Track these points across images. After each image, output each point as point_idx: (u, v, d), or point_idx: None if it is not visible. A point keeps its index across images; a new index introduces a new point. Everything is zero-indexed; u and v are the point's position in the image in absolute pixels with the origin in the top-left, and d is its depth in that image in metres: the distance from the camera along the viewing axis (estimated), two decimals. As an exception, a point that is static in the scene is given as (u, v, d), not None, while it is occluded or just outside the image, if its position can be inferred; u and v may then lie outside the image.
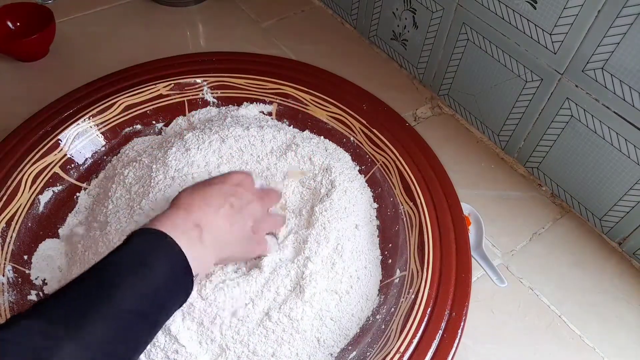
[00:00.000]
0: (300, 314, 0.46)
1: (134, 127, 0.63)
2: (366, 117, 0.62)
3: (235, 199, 0.45)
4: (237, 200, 0.46)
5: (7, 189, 0.53)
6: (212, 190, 0.45)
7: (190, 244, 0.41)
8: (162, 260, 0.38)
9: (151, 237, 0.40)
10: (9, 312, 0.47)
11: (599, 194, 0.60)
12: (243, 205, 0.46)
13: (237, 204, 0.45)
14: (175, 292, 0.40)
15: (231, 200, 0.45)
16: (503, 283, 0.57)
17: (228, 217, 0.44)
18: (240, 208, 0.46)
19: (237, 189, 0.46)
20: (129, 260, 0.38)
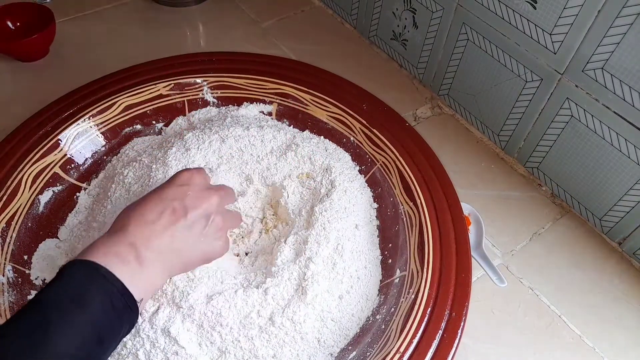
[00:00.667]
0: (303, 317, 0.46)
1: (134, 127, 0.63)
2: (366, 117, 0.62)
3: (178, 202, 0.43)
4: (180, 203, 0.43)
5: (7, 189, 0.53)
6: (149, 201, 0.43)
7: (128, 269, 0.39)
8: (97, 296, 0.36)
9: (84, 270, 0.37)
10: (9, 312, 0.47)
11: (599, 194, 0.60)
12: (189, 206, 0.43)
13: (180, 207, 0.43)
14: (116, 326, 0.38)
15: (173, 205, 0.42)
16: (503, 283, 0.57)
17: (169, 225, 0.42)
18: (184, 210, 0.43)
19: (180, 190, 0.44)
20: (62, 299, 0.36)
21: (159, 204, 0.43)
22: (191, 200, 0.44)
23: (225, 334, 0.45)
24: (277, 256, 0.50)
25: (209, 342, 0.45)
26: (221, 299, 0.45)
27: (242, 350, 0.45)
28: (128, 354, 0.43)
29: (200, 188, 0.45)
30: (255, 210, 0.57)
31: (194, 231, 0.44)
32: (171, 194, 0.43)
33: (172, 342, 0.44)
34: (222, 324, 0.45)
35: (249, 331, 0.45)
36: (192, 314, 0.45)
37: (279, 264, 0.49)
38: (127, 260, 0.39)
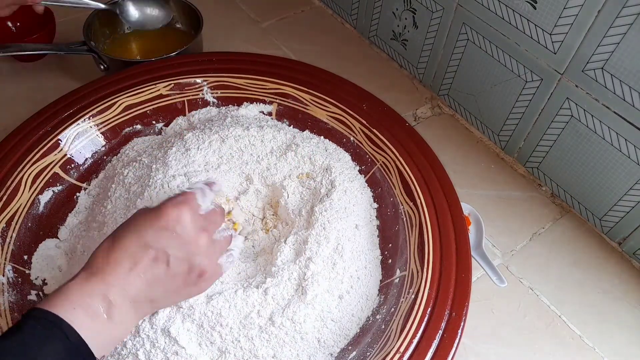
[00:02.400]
0: (303, 317, 0.46)
1: (134, 127, 0.63)
2: (366, 117, 0.62)
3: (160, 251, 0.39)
4: (162, 251, 0.39)
5: (7, 189, 0.53)
6: (129, 242, 0.39)
7: (94, 325, 0.36)
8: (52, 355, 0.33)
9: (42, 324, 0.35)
10: (9, 312, 0.47)
11: (599, 194, 0.60)
12: (172, 255, 0.40)
13: (162, 256, 0.39)
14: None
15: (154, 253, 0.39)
16: (503, 283, 0.57)
17: (147, 274, 0.39)
18: (166, 259, 0.40)
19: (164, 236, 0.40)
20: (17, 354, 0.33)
21: (138, 247, 0.39)
22: (175, 248, 0.40)
23: (225, 334, 0.45)
24: (277, 256, 0.50)
25: (209, 342, 0.45)
26: (221, 299, 0.45)
27: (242, 350, 0.45)
28: (128, 354, 0.43)
29: (187, 232, 0.41)
30: (256, 210, 0.57)
31: (175, 281, 0.41)
32: (153, 239, 0.39)
33: (172, 342, 0.44)
34: (222, 324, 0.45)
35: (249, 331, 0.45)
36: (192, 314, 0.45)
37: (279, 264, 0.49)
38: (96, 314, 0.37)
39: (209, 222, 0.43)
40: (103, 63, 0.70)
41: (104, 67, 0.70)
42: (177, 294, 0.42)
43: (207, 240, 0.42)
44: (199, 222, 0.42)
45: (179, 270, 0.41)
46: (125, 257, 0.39)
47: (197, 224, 0.42)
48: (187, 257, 0.41)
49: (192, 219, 0.41)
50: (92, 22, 0.73)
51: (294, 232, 0.52)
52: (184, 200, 0.42)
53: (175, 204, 0.41)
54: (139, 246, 0.39)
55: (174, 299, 0.43)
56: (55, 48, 0.71)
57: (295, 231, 0.53)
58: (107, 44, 0.76)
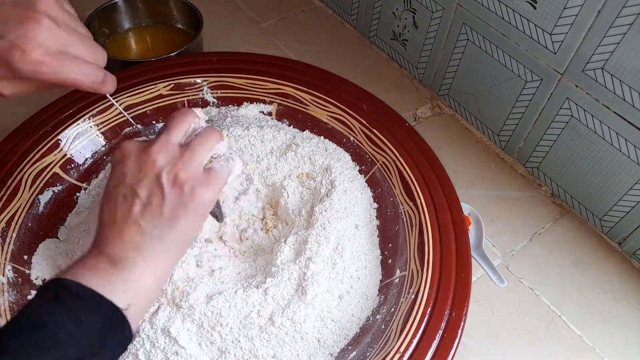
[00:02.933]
0: (303, 317, 0.46)
1: (134, 127, 0.63)
2: (366, 117, 0.62)
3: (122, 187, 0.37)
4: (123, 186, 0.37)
5: (7, 189, 0.53)
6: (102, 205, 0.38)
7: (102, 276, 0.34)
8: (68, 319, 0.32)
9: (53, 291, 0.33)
10: (9, 312, 0.47)
11: (599, 194, 0.60)
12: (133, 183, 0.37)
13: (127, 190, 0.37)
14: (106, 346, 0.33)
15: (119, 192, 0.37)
16: (503, 283, 0.57)
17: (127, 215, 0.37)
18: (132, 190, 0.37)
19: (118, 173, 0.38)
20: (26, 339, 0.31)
21: (108, 200, 0.38)
22: (132, 175, 0.37)
23: (225, 334, 0.45)
24: (277, 256, 0.50)
25: (209, 342, 0.45)
26: (221, 299, 0.46)
27: (242, 350, 0.45)
28: (128, 354, 0.43)
29: (135, 156, 0.38)
30: (255, 210, 0.57)
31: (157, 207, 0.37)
32: (113, 183, 0.38)
33: (172, 342, 0.44)
34: (222, 324, 0.45)
35: (249, 331, 0.45)
36: (192, 314, 0.45)
37: (279, 264, 0.49)
38: (97, 268, 0.35)
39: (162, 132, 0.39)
40: (103, 63, 0.70)
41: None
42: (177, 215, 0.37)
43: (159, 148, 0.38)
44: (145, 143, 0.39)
45: (153, 191, 0.37)
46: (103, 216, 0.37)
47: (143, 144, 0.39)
48: (149, 176, 0.37)
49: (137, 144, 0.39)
50: (92, 22, 0.73)
51: (294, 232, 0.52)
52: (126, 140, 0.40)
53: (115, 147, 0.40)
54: (107, 200, 0.38)
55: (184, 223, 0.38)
56: (55, 48, 0.70)
57: (295, 231, 0.53)
58: (107, 44, 0.76)
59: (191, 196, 0.38)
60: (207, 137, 0.40)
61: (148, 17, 0.79)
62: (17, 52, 0.36)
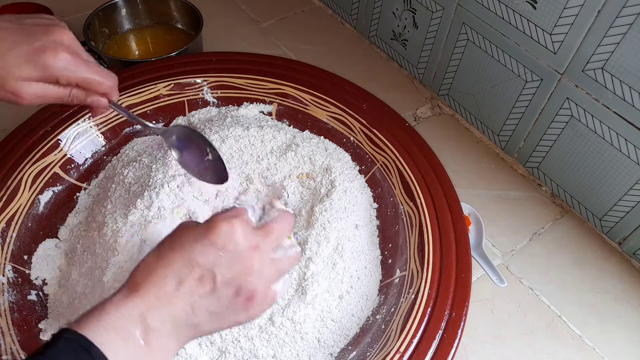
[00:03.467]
0: (303, 317, 0.46)
1: (134, 127, 0.63)
2: (366, 117, 0.62)
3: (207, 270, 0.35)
4: (209, 271, 0.35)
5: (7, 189, 0.53)
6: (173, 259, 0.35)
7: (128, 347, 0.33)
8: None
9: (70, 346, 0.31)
10: (9, 312, 0.47)
11: (599, 194, 0.60)
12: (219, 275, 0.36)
13: (208, 276, 0.35)
14: None
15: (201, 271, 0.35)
16: (503, 283, 0.57)
17: (191, 295, 0.35)
18: (213, 280, 0.35)
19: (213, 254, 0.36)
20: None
21: (184, 264, 0.35)
22: (224, 267, 0.36)
23: (225, 334, 0.45)
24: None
25: (209, 342, 0.45)
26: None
27: (242, 350, 0.45)
28: (128, 354, 0.43)
29: (239, 249, 0.36)
30: (255, 210, 0.57)
31: (221, 304, 0.36)
32: (201, 255, 0.35)
33: (172, 342, 0.44)
34: (222, 324, 0.45)
35: (249, 331, 0.45)
36: (192, 314, 0.45)
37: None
38: (131, 338, 0.33)
39: (267, 237, 0.38)
40: (103, 63, 0.70)
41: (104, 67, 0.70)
42: (222, 319, 0.37)
43: (260, 260, 0.37)
44: (252, 238, 0.37)
45: (226, 292, 0.36)
46: (169, 274, 0.35)
47: (250, 240, 0.37)
48: (236, 277, 0.36)
49: (245, 234, 0.37)
50: (92, 22, 0.73)
51: (294, 232, 0.52)
52: (236, 214, 0.37)
53: (226, 217, 0.37)
54: (184, 263, 0.35)
55: (218, 325, 0.37)
56: (55, 48, 0.70)
57: (295, 231, 0.53)
58: (107, 44, 0.76)
59: (248, 313, 0.38)
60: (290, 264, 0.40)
61: (148, 17, 0.79)
62: (50, 52, 0.42)
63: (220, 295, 0.36)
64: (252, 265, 0.37)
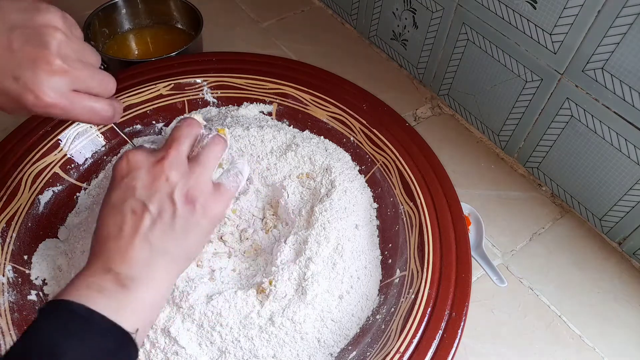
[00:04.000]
0: (303, 317, 0.46)
1: (134, 127, 0.63)
2: (366, 117, 0.62)
3: (131, 200, 0.36)
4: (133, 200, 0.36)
5: (7, 189, 0.53)
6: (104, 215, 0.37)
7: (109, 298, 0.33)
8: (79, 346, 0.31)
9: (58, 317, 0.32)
10: (9, 312, 0.47)
11: (599, 194, 0.60)
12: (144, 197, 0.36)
13: (136, 205, 0.36)
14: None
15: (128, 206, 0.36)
16: (503, 283, 0.57)
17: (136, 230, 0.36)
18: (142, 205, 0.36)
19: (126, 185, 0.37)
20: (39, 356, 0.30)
21: (114, 212, 0.37)
22: (143, 190, 0.37)
23: (225, 334, 0.45)
24: (277, 256, 0.50)
25: (209, 342, 0.45)
26: (221, 299, 0.45)
27: (242, 350, 0.45)
28: (128, 354, 0.43)
29: (146, 170, 0.37)
30: (256, 210, 0.57)
31: (167, 223, 0.37)
32: (120, 195, 0.37)
33: (172, 342, 0.44)
34: (222, 324, 0.45)
35: (249, 331, 0.45)
36: (192, 314, 0.45)
37: (279, 264, 0.49)
38: (105, 288, 0.34)
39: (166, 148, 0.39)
40: (103, 63, 0.70)
41: (103, 67, 0.70)
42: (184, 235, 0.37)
43: (170, 165, 0.38)
44: (153, 155, 0.38)
45: (164, 207, 0.36)
46: (109, 228, 0.36)
47: (152, 157, 0.38)
48: (160, 191, 0.37)
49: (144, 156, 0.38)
50: (92, 22, 0.73)
51: (294, 232, 0.52)
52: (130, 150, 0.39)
53: (120, 157, 0.39)
54: (113, 211, 0.37)
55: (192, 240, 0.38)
56: (55, 48, 0.70)
57: (295, 231, 0.53)
58: (107, 44, 0.76)
59: (203, 213, 0.38)
60: (214, 149, 0.41)
61: (148, 17, 0.79)
62: (30, 96, 0.36)
63: (160, 212, 0.36)
64: (165, 172, 0.37)
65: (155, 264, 0.36)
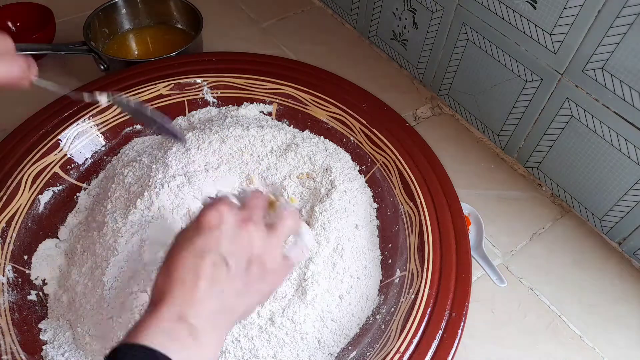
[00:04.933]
0: (303, 317, 0.46)
1: (134, 127, 0.63)
2: (366, 117, 0.62)
3: (214, 254, 0.37)
4: (216, 253, 0.37)
5: (7, 189, 0.53)
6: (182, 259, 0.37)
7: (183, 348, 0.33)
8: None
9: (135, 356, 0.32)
10: (9, 312, 0.47)
11: (599, 194, 0.60)
12: (227, 253, 0.37)
13: (218, 259, 0.37)
14: None
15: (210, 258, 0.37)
16: (503, 283, 0.57)
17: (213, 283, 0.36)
18: (224, 261, 0.37)
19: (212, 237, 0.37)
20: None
21: (194, 259, 0.37)
22: (228, 245, 0.38)
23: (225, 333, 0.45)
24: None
25: (209, 342, 0.45)
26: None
27: (242, 350, 0.45)
28: (128, 354, 0.43)
29: (232, 225, 0.38)
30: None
31: (241, 280, 0.38)
32: (204, 244, 0.37)
33: (172, 342, 0.44)
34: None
35: (249, 331, 0.45)
36: (192, 314, 0.45)
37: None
38: (180, 337, 0.34)
39: (251, 209, 0.40)
40: (103, 63, 0.70)
41: (104, 67, 0.70)
42: (249, 295, 0.38)
43: (255, 226, 0.39)
44: (240, 213, 0.39)
45: (240, 267, 0.38)
46: (185, 273, 0.36)
47: (239, 215, 0.39)
48: (242, 251, 0.38)
49: (233, 213, 0.39)
50: (92, 22, 0.73)
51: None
52: (218, 201, 0.40)
53: (213, 206, 0.39)
54: (194, 258, 0.37)
55: (249, 301, 0.39)
56: (55, 48, 0.71)
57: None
58: (107, 44, 0.76)
59: (269, 280, 0.40)
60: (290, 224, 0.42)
61: (148, 17, 0.79)
62: None
63: (236, 271, 0.37)
64: (250, 234, 0.39)
65: (220, 320, 0.37)
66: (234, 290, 0.37)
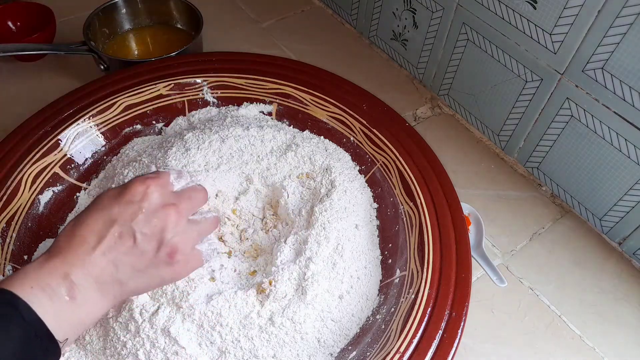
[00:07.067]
0: (303, 317, 0.46)
1: (134, 127, 0.63)
2: (366, 117, 0.62)
3: (125, 225, 0.37)
4: (127, 226, 0.37)
5: (7, 189, 0.53)
6: (92, 218, 0.37)
7: (56, 305, 0.34)
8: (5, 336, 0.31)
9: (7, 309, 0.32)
10: (9, 312, 0.47)
11: (599, 194, 0.60)
12: (138, 230, 0.37)
13: (127, 232, 0.37)
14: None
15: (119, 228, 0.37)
16: (503, 283, 0.57)
17: (111, 251, 0.36)
18: (132, 236, 0.37)
19: (130, 209, 0.37)
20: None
21: (104, 223, 0.37)
22: (142, 223, 0.37)
23: (225, 334, 0.45)
24: (277, 256, 0.50)
25: (209, 342, 0.45)
26: (221, 299, 0.45)
27: (242, 350, 0.45)
28: (128, 354, 0.43)
29: (155, 207, 0.38)
30: (256, 210, 0.57)
31: (143, 259, 0.38)
32: (119, 214, 0.37)
33: (172, 342, 0.44)
34: (222, 324, 0.45)
35: (249, 331, 0.45)
36: (192, 314, 0.45)
37: (278, 264, 0.49)
38: (56, 294, 0.34)
39: (182, 199, 0.41)
40: (103, 63, 0.70)
41: (104, 67, 0.70)
42: (146, 275, 0.39)
43: (177, 216, 0.39)
44: (169, 198, 0.40)
45: (147, 247, 0.38)
46: (89, 234, 0.37)
47: (167, 199, 0.39)
48: (155, 233, 0.38)
49: (161, 194, 0.39)
50: (92, 22, 0.73)
51: (294, 232, 0.52)
52: (153, 176, 0.40)
53: (143, 179, 0.39)
54: (103, 222, 0.37)
55: (144, 282, 0.39)
56: (55, 48, 0.71)
57: (295, 231, 0.53)
58: (107, 44, 0.76)
59: (172, 269, 0.40)
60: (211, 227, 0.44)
61: (148, 17, 0.79)
62: None
63: (141, 250, 0.38)
64: (169, 220, 0.39)
65: (107, 289, 0.37)
66: (131, 267, 0.37)
